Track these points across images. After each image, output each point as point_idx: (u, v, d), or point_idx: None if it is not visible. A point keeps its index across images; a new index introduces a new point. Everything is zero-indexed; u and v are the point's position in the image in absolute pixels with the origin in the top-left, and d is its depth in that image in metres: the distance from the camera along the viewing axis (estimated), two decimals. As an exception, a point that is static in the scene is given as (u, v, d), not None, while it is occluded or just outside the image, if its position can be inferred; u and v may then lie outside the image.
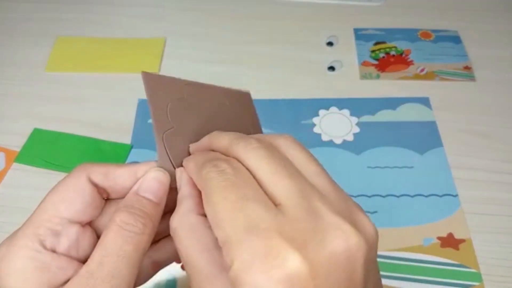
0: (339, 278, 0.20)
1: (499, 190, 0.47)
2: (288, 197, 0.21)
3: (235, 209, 0.21)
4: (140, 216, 0.25)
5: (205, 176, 0.23)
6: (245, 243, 0.20)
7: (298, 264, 0.20)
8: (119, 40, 0.62)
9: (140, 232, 0.25)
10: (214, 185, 0.22)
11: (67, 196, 0.26)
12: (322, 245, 0.20)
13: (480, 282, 0.40)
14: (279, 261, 0.20)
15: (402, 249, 0.42)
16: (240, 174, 0.23)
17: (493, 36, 0.62)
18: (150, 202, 0.26)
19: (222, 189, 0.22)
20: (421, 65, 0.59)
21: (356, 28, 0.63)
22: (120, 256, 0.24)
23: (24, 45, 0.62)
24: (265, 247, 0.20)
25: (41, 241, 0.24)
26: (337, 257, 0.20)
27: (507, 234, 0.43)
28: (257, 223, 0.20)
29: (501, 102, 0.55)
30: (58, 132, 0.52)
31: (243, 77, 0.58)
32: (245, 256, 0.20)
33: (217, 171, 0.23)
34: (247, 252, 0.20)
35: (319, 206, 0.21)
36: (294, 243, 0.20)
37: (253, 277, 0.20)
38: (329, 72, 0.58)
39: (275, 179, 0.22)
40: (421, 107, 0.54)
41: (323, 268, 0.20)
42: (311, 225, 0.21)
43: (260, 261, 0.20)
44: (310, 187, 0.22)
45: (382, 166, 0.48)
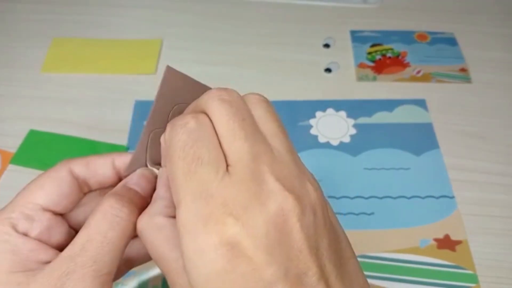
0: (277, 239, 0.21)
1: (496, 192, 0.47)
2: (238, 159, 0.22)
3: (189, 172, 0.22)
4: (127, 203, 0.25)
5: (168, 134, 0.23)
6: (191, 206, 0.21)
7: (237, 230, 0.20)
8: (115, 42, 0.62)
9: (126, 218, 0.25)
10: (175, 143, 0.23)
11: (44, 184, 0.26)
12: (260, 209, 0.21)
13: (477, 284, 0.40)
14: (218, 227, 0.20)
15: (398, 251, 0.42)
16: (202, 129, 0.23)
17: (489, 39, 0.62)
18: (137, 193, 0.26)
19: (181, 148, 0.22)
20: (418, 67, 0.59)
21: (353, 30, 0.64)
22: (103, 242, 0.24)
23: (20, 46, 0.62)
24: (208, 214, 0.20)
25: (13, 224, 0.25)
26: (273, 220, 0.21)
27: (504, 235, 0.44)
28: (206, 188, 0.21)
29: (497, 104, 0.55)
30: (54, 134, 0.51)
31: (240, 79, 0.58)
32: (190, 221, 0.21)
33: (181, 124, 0.23)
34: (190, 214, 0.21)
35: (265, 170, 0.22)
36: (235, 208, 0.20)
37: (195, 241, 0.20)
38: (325, 74, 0.58)
39: (230, 139, 0.22)
40: (417, 109, 0.54)
41: (260, 232, 0.20)
42: (253, 189, 0.21)
43: (202, 226, 0.20)
44: (263, 149, 0.22)
45: (378, 167, 0.48)
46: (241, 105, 0.23)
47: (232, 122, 0.23)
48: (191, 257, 0.21)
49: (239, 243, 0.20)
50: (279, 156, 0.23)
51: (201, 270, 0.21)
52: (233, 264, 0.20)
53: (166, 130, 0.24)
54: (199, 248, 0.20)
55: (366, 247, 0.42)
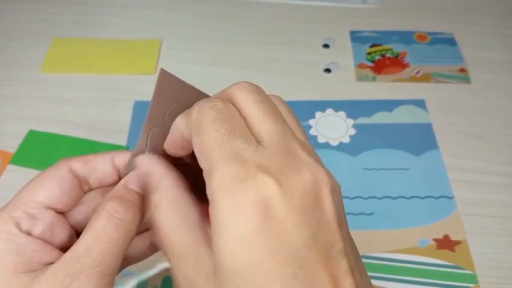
0: (310, 206, 0.21)
1: (495, 192, 0.47)
2: (269, 137, 0.23)
3: (223, 141, 0.22)
4: (131, 207, 0.25)
5: (197, 112, 0.24)
6: (226, 168, 0.21)
7: (274, 188, 0.21)
8: (114, 42, 0.62)
9: (130, 221, 0.25)
10: (206, 118, 0.23)
11: (45, 182, 0.27)
12: (297, 176, 0.21)
13: (476, 284, 0.41)
14: (256, 184, 0.21)
15: (398, 251, 0.42)
16: (230, 110, 0.23)
17: (489, 39, 0.62)
18: (139, 194, 0.26)
19: (213, 122, 0.23)
20: (417, 67, 0.59)
21: (352, 30, 0.64)
22: (108, 243, 0.24)
23: (19, 46, 0.62)
24: (244, 173, 0.21)
25: (16, 223, 0.25)
26: (308, 187, 0.21)
27: (503, 235, 0.44)
28: (241, 154, 0.22)
29: (496, 104, 0.55)
30: (53, 134, 0.51)
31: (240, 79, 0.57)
32: (224, 179, 0.21)
33: (209, 105, 0.23)
34: (226, 175, 0.21)
35: (297, 146, 0.23)
36: (271, 171, 0.21)
37: (232, 198, 0.21)
38: (325, 74, 0.58)
39: (261, 120, 0.23)
40: (417, 109, 0.54)
41: (296, 194, 0.21)
42: (288, 159, 0.22)
43: (238, 183, 0.21)
44: (291, 132, 0.23)
45: (378, 168, 0.48)
46: (268, 97, 0.25)
47: (263, 106, 0.24)
48: (226, 218, 0.21)
49: (275, 203, 0.20)
50: (304, 142, 0.24)
51: (235, 227, 0.20)
52: (267, 224, 0.20)
53: (193, 109, 0.24)
54: (236, 203, 0.21)
55: (366, 247, 0.42)
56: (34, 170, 0.48)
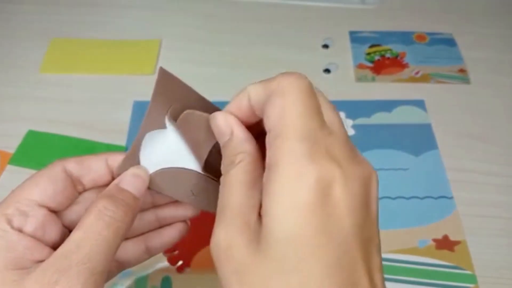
0: (364, 197, 0.23)
1: (494, 192, 0.47)
2: (337, 127, 0.24)
3: (306, 115, 0.23)
4: (121, 205, 0.26)
5: (285, 78, 0.24)
6: (300, 141, 0.22)
7: (337, 172, 0.22)
8: (114, 42, 0.62)
9: (120, 219, 0.25)
10: (297, 85, 0.24)
11: (39, 181, 0.27)
12: (357, 167, 0.23)
13: (475, 284, 0.41)
14: (322, 165, 0.22)
15: (397, 251, 0.42)
16: (313, 90, 0.25)
17: (488, 39, 0.62)
18: (131, 194, 0.27)
19: (303, 92, 0.24)
20: (416, 67, 0.59)
21: (352, 30, 0.64)
22: (98, 239, 0.24)
23: (18, 46, 0.62)
24: (314, 152, 0.22)
25: (8, 220, 0.25)
26: (365, 180, 0.23)
27: (502, 236, 0.44)
28: (315, 134, 0.23)
29: (495, 105, 0.55)
30: (52, 134, 0.51)
31: (239, 79, 0.58)
32: (295, 150, 0.22)
33: (298, 76, 0.24)
34: (298, 147, 0.22)
35: (351, 142, 0.25)
36: (337, 158, 0.22)
37: (296, 168, 0.21)
38: (324, 75, 0.58)
39: (329, 110, 0.25)
40: (416, 110, 0.54)
41: (355, 184, 0.22)
42: (350, 150, 0.24)
43: (306, 158, 0.22)
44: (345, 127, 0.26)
45: (377, 168, 0.48)
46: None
47: (326, 98, 0.26)
48: (285, 186, 0.21)
49: (336, 186, 0.22)
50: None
51: (294, 197, 0.21)
52: (325, 202, 0.21)
53: (276, 77, 0.25)
54: (300, 175, 0.21)
55: (365, 248, 0.42)
56: (33, 170, 0.48)
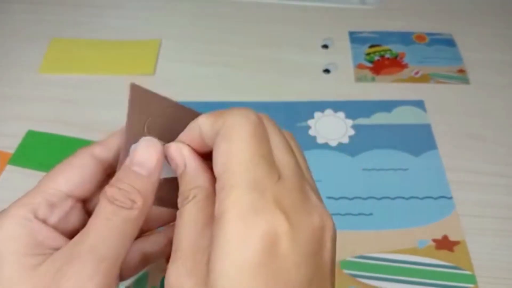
0: (313, 249, 0.22)
1: (494, 193, 0.47)
2: (288, 171, 0.23)
3: (252, 162, 0.22)
4: (128, 192, 0.25)
5: (233, 119, 0.23)
6: (246, 193, 0.21)
7: (284, 226, 0.21)
8: (113, 42, 0.62)
9: (129, 207, 0.25)
10: (243, 129, 0.23)
11: (65, 170, 0.27)
12: (307, 218, 0.22)
13: (475, 284, 0.41)
14: (269, 219, 0.21)
15: (397, 251, 0.42)
16: (263, 132, 0.24)
17: (488, 40, 0.63)
18: (139, 176, 0.26)
19: (249, 137, 0.23)
20: (416, 68, 0.59)
21: (351, 31, 0.64)
22: (107, 226, 0.24)
23: (18, 46, 0.62)
24: (261, 204, 0.21)
25: (34, 210, 0.25)
26: (315, 231, 0.22)
27: (502, 236, 0.44)
28: (263, 183, 0.22)
29: (495, 105, 0.55)
30: (52, 134, 0.51)
31: (239, 79, 0.58)
32: (241, 203, 0.21)
33: (246, 116, 0.23)
34: (244, 200, 0.21)
35: (308, 188, 0.24)
36: (285, 209, 0.21)
37: (242, 227, 0.21)
38: (324, 75, 0.58)
39: (282, 153, 0.24)
40: (416, 110, 0.54)
41: (303, 236, 0.22)
42: (302, 199, 0.23)
43: (252, 213, 0.21)
44: (302, 171, 0.25)
45: (377, 168, 0.48)
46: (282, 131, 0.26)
47: (283, 140, 0.24)
48: (231, 242, 0.21)
49: (282, 241, 0.21)
50: (312, 182, 0.25)
51: (238, 255, 0.21)
52: (270, 259, 0.21)
53: (226, 114, 0.24)
54: (245, 232, 0.21)
55: (365, 248, 0.42)
56: (32, 170, 0.48)
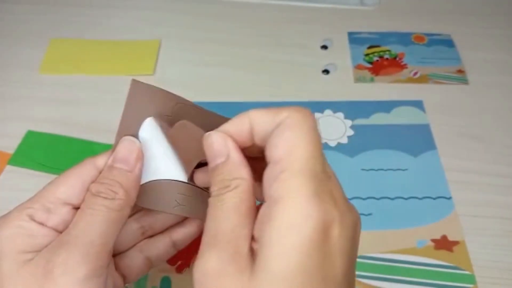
0: (352, 243, 0.24)
1: (493, 193, 0.47)
2: (330, 171, 0.26)
3: (314, 156, 0.24)
4: (110, 185, 0.27)
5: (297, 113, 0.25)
6: (308, 180, 0.23)
7: (337, 215, 0.23)
8: (113, 42, 0.62)
9: (111, 197, 0.27)
10: (309, 123, 0.24)
11: (68, 179, 0.28)
12: (349, 213, 0.24)
13: (474, 284, 0.41)
14: (326, 207, 0.22)
15: (396, 251, 0.42)
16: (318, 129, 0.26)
17: (486, 40, 0.63)
18: (120, 171, 0.28)
19: (313, 130, 0.24)
20: (415, 68, 0.59)
21: (350, 31, 0.64)
22: (92, 215, 0.26)
23: (18, 47, 0.62)
24: (320, 191, 0.23)
25: (31, 214, 0.27)
26: (354, 226, 0.24)
27: (501, 236, 0.44)
28: (321, 175, 0.24)
29: (494, 105, 0.55)
30: (52, 134, 0.51)
31: (238, 80, 0.58)
32: (305, 189, 0.22)
33: (308, 113, 0.25)
34: (307, 186, 0.23)
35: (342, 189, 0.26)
36: (336, 201, 0.23)
37: (302, 205, 0.22)
38: (323, 75, 0.58)
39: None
40: (414, 110, 0.54)
41: (347, 228, 0.24)
42: (344, 198, 0.25)
43: (313, 198, 0.22)
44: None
45: (376, 168, 0.49)
46: None
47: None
48: (293, 220, 0.22)
49: (334, 229, 0.23)
50: None
51: (297, 236, 0.22)
52: (324, 242, 0.22)
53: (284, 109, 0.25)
54: (306, 215, 0.22)
55: (364, 248, 0.42)
56: (32, 170, 0.48)
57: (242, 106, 0.54)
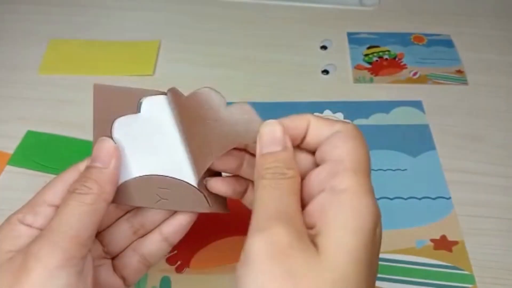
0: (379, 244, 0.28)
1: (492, 193, 0.47)
2: None
3: (366, 159, 0.27)
4: (84, 182, 0.29)
5: (351, 126, 0.29)
6: (365, 180, 0.26)
7: (379, 211, 0.26)
8: (113, 43, 0.62)
9: (84, 192, 0.28)
10: (359, 134, 0.28)
11: (54, 184, 0.30)
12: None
13: (473, 284, 0.41)
14: (375, 201, 0.26)
15: (395, 251, 0.42)
16: None
17: (486, 41, 0.63)
18: (95, 169, 0.30)
19: (364, 141, 0.28)
20: (414, 69, 0.59)
21: (350, 32, 0.64)
22: (66, 209, 0.28)
23: (17, 47, 0.62)
24: (372, 190, 0.26)
25: (20, 218, 0.29)
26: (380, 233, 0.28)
27: (500, 236, 0.44)
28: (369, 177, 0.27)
29: (493, 106, 0.55)
30: (51, 134, 0.51)
31: (237, 80, 0.58)
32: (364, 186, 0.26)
33: (357, 127, 0.29)
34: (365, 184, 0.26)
35: None
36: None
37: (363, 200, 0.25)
38: (323, 76, 0.59)
39: None
40: (414, 111, 0.54)
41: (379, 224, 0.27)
42: None
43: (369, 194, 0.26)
44: None
45: (375, 169, 0.49)
46: None
47: None
48: (355, 212, 0.24)
49: (379, 224, 0.26)
50: None
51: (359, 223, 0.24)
52: (374, 235, 0.25)
53: (335, 121, 0.29)
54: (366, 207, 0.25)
55: (363, 248, 0.42)
56: (32, 171, 0.48)
57: (242, 106, 0.54)
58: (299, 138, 0.29)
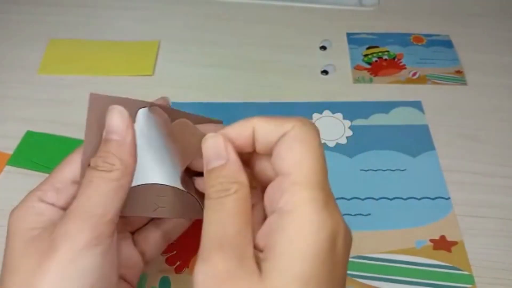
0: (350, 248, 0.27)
1: (491, 193, 0.47)
2: None
3: (322, 168, 0.25)
4: (105, 157, 0.28)
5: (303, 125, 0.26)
6: (319, 193, 0.24)
7: (342, 227, 0.24)
8: (112, 43, 0.62)
9: (108, 169, 0.27)
10: (315, 135, 0.26)
11: (72, 159, 0.30)
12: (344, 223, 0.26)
13: (473, 284, 0.41)
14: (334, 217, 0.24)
15: (394, 251, 0.43)
16: None
17: (485, 41, 0.63)
18: (112, 141, 0.29)
19: (319, 144, 0.26)
20: (413, 69, 0.59)
21: (349, 32, 0.64)
22: (90, 187, 0.27)
23: (16, 47, 0.62)
24: (329, 203, 0.24)
25: (41, 196, 0.28)
26: (349, 233, 0.26)
27: (499, 236, 0.44)
28: (328, 187, 0.25)
29: (492, 106, 0.55)
30: (51, 135, 0.51)
31: (237, 81, 0.58)
32: (316, 201, 0.24)
33: (314, 125, 0.27)
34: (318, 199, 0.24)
35: None
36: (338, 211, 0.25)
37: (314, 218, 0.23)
38: (322, 76, 0.59)
39: None
40: (413, 111, 0.54)
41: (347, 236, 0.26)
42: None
43: (324, 210, 0.24)
44: None
45: (375, 169, 0.49)
46: None
47: None
48: (306, 231, 0.23)
49: (339, 238, 0.24)
50: None
51: (311, 245, 0.23)
52: (332, 252, 0.23)
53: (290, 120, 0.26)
54: (318, 226, 0.23)
55: (363, 248, 0.43)
56: (31, 171, 0.48)
57: (241, 107, 0.54)
58: (248, 145, 0.27)
